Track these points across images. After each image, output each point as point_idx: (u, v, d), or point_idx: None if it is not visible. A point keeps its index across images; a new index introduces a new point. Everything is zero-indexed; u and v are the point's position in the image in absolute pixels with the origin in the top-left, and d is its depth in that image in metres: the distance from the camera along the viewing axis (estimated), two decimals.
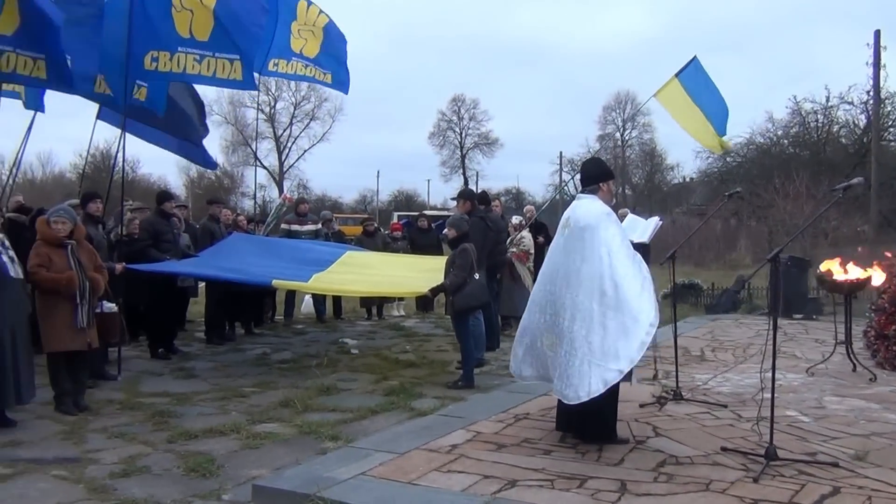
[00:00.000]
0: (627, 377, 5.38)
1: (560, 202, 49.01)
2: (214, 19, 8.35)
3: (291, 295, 12.53)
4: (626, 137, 62.51)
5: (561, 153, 56.13)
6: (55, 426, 6.19)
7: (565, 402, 5.06)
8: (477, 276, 7.69)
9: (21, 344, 6.15)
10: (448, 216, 13.02)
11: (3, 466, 5.14)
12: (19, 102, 9.60)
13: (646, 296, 4.97)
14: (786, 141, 39.98)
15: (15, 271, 6.16)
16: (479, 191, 11.61)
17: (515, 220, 11.72)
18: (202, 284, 11.03)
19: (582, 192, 5.57)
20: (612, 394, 5.12)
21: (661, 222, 7.00)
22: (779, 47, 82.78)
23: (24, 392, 6.16)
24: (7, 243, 6.27)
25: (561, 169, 55.30)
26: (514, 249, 10.88)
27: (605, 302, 4.95)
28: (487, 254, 9.00)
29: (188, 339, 10.54)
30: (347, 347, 10.08)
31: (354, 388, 7.62)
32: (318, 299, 12.68)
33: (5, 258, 6.10)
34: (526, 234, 11.38)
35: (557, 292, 5.20)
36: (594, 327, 4.93)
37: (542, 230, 12.12)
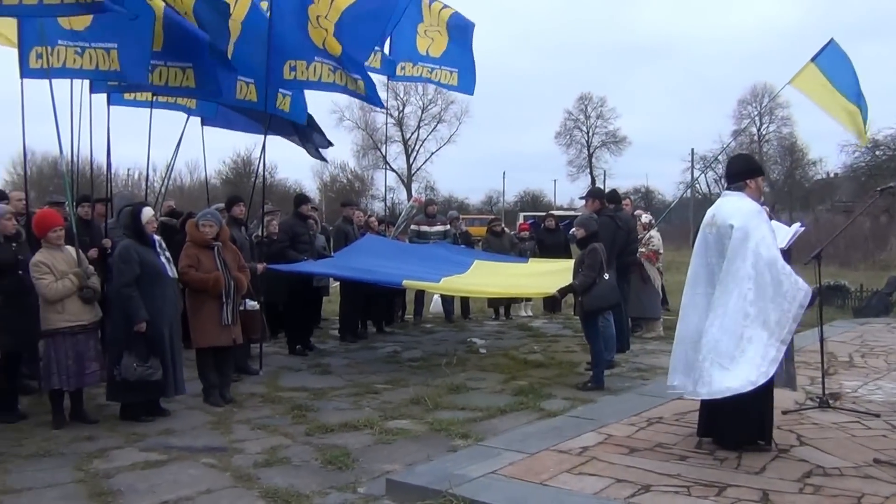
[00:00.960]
0: (790, 383, 5.19)
1: (691, 200, 47.69)
2: (342, 47, 8.61)
3: (421, 295, 12.76)
4: (764, 132, 59.94)
5: (693, 150, 54.36)
6: (204, 417, 6.58)
7: (708, 398, 4.94)
8: (607, 276, 7.58)
9: (176, 339, 6.61)
10: (575, 216, 12.87)
11: (158, 453, 5.52)
12: (173, 113, 10.18)
13: (789, 298, 4.78)
14: None
15: (171, 271, 6.60)
16: (608, 190, 11.39)
17: (645, 218, 11.45)
18: (335, 284, 11.41)
19: (727, 189, 5.38)
20: (759, 398, 4.94)
21: (802, 228, 6.66)
22: None
23: (179, 384, 6.60)
24: (163, 245, 6.72)
25: (693, 166, 53.51)
26: (644, 249, 10.64)
27: (752, 302, 4.79)
28: (617, 253, 8.85)
29: (323, 337, 10.92)
30: (476, 347, 10.17)
31: (483, 388, 7.69)
32: (447, 299, 12.85)
33: (163, 259, 6.56)
34: (655, 233, 11.12)
35: (702, 294, 5.07)
36: (740, 328, 4.78)
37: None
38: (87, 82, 7.83)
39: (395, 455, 5.47)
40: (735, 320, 4.82)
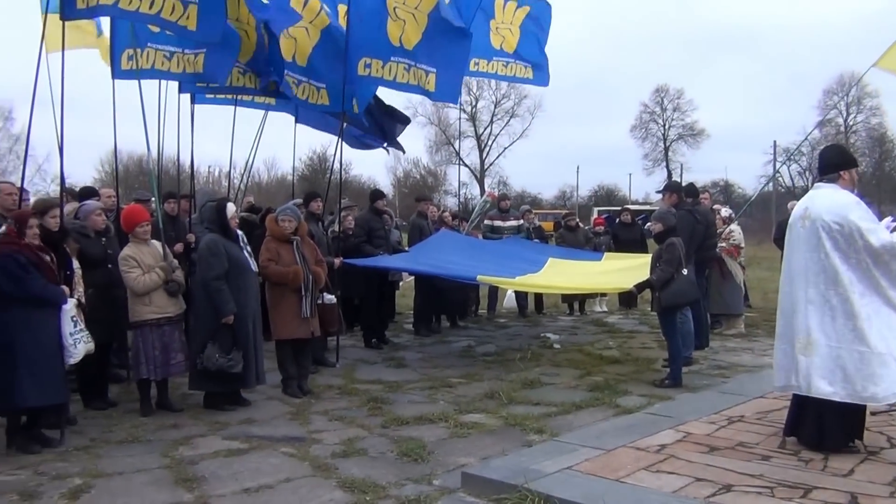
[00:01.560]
0: None
1: (774, 194, 46.27)
2: (424, 31, 8.65)
3: (494, 290, 12.75)
4: (851, 122, 57.77)
5: (775, 142, 52.83)
6: (283, 407, 6.74)
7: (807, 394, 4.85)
8: (685, 271, 7.43)
9: (258, 331, 6.79)
10: (651, 210, 12.67)
11: (240, 442, 5.68)
12: (251, 112, 10.43)
13: None
14: None
15: (253, 265, 6.78)
16: (685, 183, 11.14)
17: (725, 212, 11.18)
18: (409, 278, 11.51)
19: (820, 181, 5.21)
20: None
21: (895, 223, 6.39)
22: None
23: (260, 375, 6.77)
24: (245, 240, 6.90)
25: (775, 159, 51.94)
26: (724, 244, 10.39)
27: (860, 297, 4.68)
28: (696, 248, 8.67)
29: (398, 331, 11.03)
30: (550, 342, 10.11)
31: (558, 383, 7.64)
32: (521, 294, 12.81)
33: (245, 253, 6.73)
34: (736, 227, 10.84)
35: (798, 291, 4.93)
36: (852, 323, 4.71)
37: None
38: (175, 83, 8.11)
39: (470, 448, 5.49)
40: (848, 314, 4.73)
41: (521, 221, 12.87)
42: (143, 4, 6.38)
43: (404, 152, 13.22)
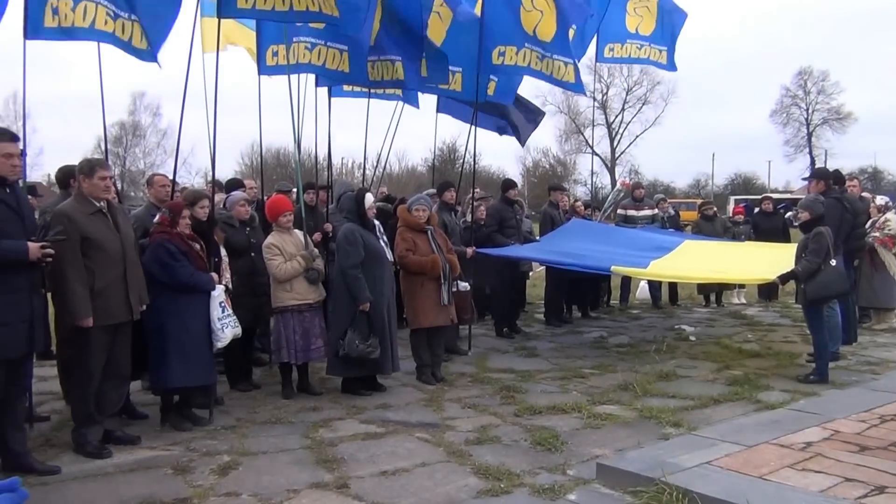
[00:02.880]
0: None
1: None
2: (558, 23, 8.59)
3: (627, 280, 12.51)
4: None
5: None
6: (417, 394, 6.88)
7: None
8: (833, 262, 7.04)
9: (393, 319, 6.95)
10: (794, 199, 12.08)
11: (377, 426, 5.85)
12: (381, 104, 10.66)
13: None
14: None
15: (388, 254, 6.94)
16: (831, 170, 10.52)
17: (880, 200, 10.48)
18: (540, 268, 11.46)
19: None
20: None
21: None
22: None
23: (395, 362, 6.93)
24: (381, 230, 7.07)
25: None
26: (878, 234, 9.75)
27: None
28: (844, 238, 8.20)
29: (529, 321, 11.01)
30: (685, 334, 9.83)
31: (694, 376, 7.43)
32: (654, 285, 12.52)
33: (382, 243, 6.90)
34: (892, 216, 10.14)
35: None
36: None
37: None
38: (312, 77, 8.37)
39: (605, 440, 5.43)
40: None
41: (656, 211, 12.55)
42: (295, 1, 6.57)
43: (522, 145, 13.18)
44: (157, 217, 5.93)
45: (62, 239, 4.87)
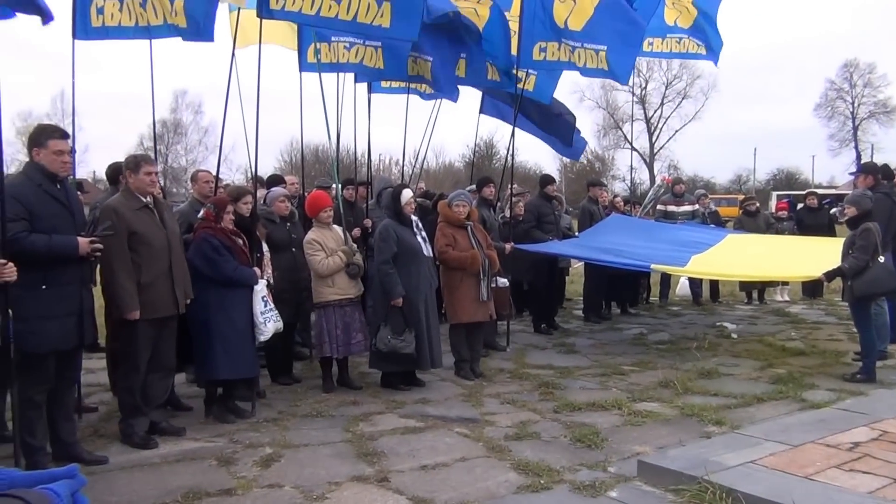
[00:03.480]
0: None
1: None
2: (595, 10, 8.51)
3: (667, 277, 12.38)
4: None
5: None
6: (456, 389, 6.89)
7: None
8: (882, 258, 6.90)
9: (431, 315, 6.95)
10: (838, 194, 11.84)
11: (416, 420, 5.87)
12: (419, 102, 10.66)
13: None
14: None
15: (426, 250, 6.95)
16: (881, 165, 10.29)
17: None
18: (578, 264, 11.39)
19: None
20: None
21: None
22: None
23: (436, 358, 6.94)
24: (420, 225, 7.09)
25: None
26: None
27: None
28: (893, 234, 8.02)
29: (567, 317, 10.97)
30: (727, 331, 9.71)
31: (737, 374, 7.34)
32: (695, 282, 12.39)
33: (419, 238, 6.92)
34: None
35: None
36: None
37: None
38: (351, 74, 8.42)
39: (646, 437, 5.39)
40: None
41: (697, 206, 12.40)
42: (341, 10, 6.58)
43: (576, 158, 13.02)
44: (201, 212, 6.01)
45: (110, 234, 4.97)
